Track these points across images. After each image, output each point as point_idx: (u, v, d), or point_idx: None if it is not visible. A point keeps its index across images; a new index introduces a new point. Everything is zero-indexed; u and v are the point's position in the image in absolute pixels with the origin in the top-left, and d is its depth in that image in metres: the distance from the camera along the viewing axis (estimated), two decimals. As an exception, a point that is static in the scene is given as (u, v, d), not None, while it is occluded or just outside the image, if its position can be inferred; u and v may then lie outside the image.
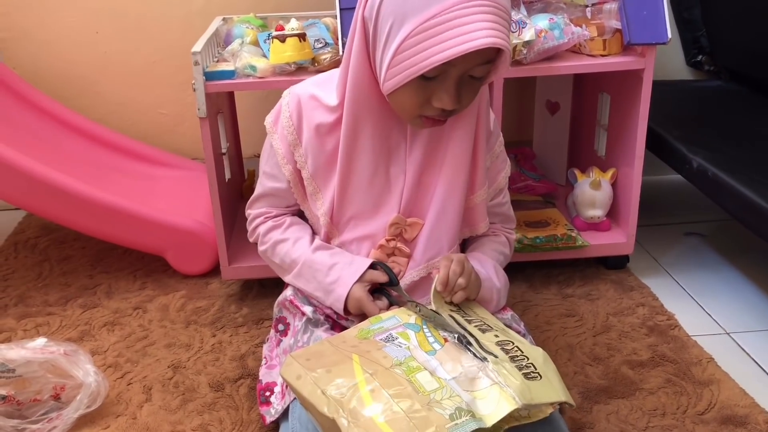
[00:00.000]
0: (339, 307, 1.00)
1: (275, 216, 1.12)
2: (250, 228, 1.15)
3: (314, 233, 1.11)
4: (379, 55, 0.89)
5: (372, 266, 1.02)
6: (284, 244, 1.08)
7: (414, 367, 0.80)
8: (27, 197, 1.45)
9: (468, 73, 0.88)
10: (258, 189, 1.13)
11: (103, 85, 1.82)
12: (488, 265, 1.05)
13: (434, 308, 0.92)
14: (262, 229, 1.12)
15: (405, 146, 1.00)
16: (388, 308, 0.97)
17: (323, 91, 1.01)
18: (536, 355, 0.84)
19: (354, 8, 0.93)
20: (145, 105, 1.85)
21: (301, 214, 1.13)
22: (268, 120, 1.07)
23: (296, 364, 0.82)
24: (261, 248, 1.13)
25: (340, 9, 1.27)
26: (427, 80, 0.87)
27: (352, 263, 1.02)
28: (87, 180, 1.50)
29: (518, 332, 1.05)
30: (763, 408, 1.11)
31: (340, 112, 0.98)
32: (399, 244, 1.02)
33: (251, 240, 1.16)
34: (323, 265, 1.02)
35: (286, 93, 1.05)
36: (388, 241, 1.02)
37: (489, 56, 0.86)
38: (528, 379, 0.77)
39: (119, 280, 1.53)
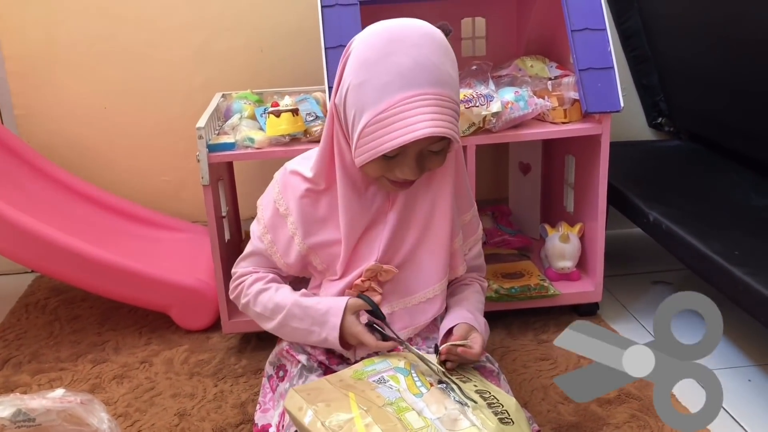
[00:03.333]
0: (335, 336, 1.08)
1: (262, 273, 1.22)
2: (232, 285, 1.23)
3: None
4: (349, 135, 1.04)
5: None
6: (266, 292, 1.18)
7: (403, 407, 0.91)
8: (41, 260, 1.56)
9: (426, 149, 1.02)
10: (247, 248, 1.23)
11: (110, 155, 1.97)
12: (480, 320, 1.16)
13: (424, 354, 1.04)
14: (246, 283, 1.20)
15: (388, 205, 1.13)
16: (383, 339, 1.07)
17: (303, 167, 1.15)
18: (510, 403, 0.96)
19: (338, 58, 1.07)
20: (149, 173, 1.99)
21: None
22: (261, 200, 1.21)
23: (298, 396, 0.94)
24: (243, 300, 1.21)
25: (325, 48, 1.42)
26: (390, 158, 1.01)
27: (338, 297, 1.12)
28: (96, 243, 1.62)
29: (492, 371, 1.17)
30: (717, 437, 1.22)
31: (324, 185, 1.12)
32: (373, 284, 1.13)
33: (232, 297, 1.24)
34: (312, 301, 1.13)
35: (277, 173, 1.20)
36: (363, 281, 1.13)
37: (439, 138, 0.99)
38: (502, 423, 0.89)
39: (126, 337, 1.64)
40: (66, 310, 1.77)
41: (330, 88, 1.42)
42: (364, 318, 1.11)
